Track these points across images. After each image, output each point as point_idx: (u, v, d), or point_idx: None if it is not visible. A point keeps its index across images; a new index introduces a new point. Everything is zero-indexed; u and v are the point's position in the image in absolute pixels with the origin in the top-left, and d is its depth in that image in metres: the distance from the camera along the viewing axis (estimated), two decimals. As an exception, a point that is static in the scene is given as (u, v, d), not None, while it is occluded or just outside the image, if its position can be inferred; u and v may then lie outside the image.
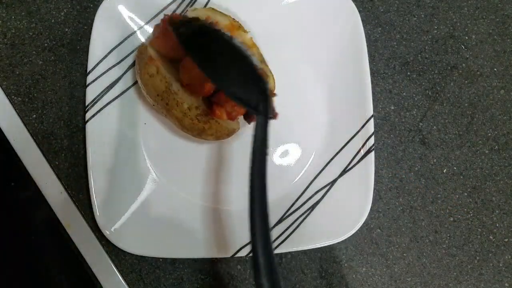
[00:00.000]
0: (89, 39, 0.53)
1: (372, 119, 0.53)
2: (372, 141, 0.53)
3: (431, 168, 0.58)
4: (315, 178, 0.54)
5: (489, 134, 0.59)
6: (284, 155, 0.56)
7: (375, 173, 0.52)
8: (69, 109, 0.55)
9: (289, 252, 0.54)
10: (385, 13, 0.61)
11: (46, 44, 0.56)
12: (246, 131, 0.54)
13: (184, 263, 0.54)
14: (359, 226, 0.51)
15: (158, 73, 0.47)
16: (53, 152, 0.54)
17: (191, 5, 0.55)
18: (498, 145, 0.59)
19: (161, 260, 0.54)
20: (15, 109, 0.55)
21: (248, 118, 0.50)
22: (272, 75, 0.52)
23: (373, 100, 0.54)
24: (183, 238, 0.51)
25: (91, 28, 0.52)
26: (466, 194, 0.58)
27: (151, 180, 0.53)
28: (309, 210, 0.53)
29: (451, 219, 0.57)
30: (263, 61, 0.52)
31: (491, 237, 0.57)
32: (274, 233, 0.52)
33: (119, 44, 0.53)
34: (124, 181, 0.52)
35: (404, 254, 0.56)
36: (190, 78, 0.47)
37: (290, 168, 0.55)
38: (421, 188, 0.57)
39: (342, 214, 0.52)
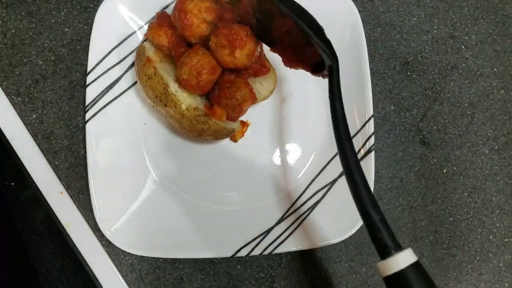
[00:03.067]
0: (89, 39, 0.53)
1: (372, 119, 0.53)
2: (372, 141, 0.53)
3: (431, 168, 0.58)
4: (315, 178, 0.54)
5: (489, 134, 0.59)
6: (284, 155, 0.55)
7: (375, 173, 0.52)
8: (69, 109, 0.55)
9: (289, 252, 0.54)
10: (385, 13, 0.60)
11: (46, 44, 0.56)
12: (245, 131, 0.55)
13: (184, 263, 0.54)
14: (359, 226, 0.51)
15: (155, 74, 0.47)
16: (53, 152, 0.54)
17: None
18: (498, 145, 0.59)
19: (161, 260, 0.54)
20: (15, 109, 0.55)
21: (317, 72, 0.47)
22: (274, 71, 0.52)
23: (373, 100, 0.54)
24: (183, 238, 0.51)
25: (91, 28, 0.52)
26: (466, 194, 0.58)
27: (151, 180, 0.53)
28: (309, 210, 0.53)
29: (451, 219, 0.57)
30: (266, 59, 0.52)
31: (491, 237, 0.57)
32: (274, 233, 0.52)
33: (119, 44, 0.53)
34: (124, 181, 0.52)
35: (404, 254, 0.56)
36: (191, 70, 0.46)
37: (290, 168, 0.55)
38: (421, 188, 0.57)
39: (342, 214, 0.51)
